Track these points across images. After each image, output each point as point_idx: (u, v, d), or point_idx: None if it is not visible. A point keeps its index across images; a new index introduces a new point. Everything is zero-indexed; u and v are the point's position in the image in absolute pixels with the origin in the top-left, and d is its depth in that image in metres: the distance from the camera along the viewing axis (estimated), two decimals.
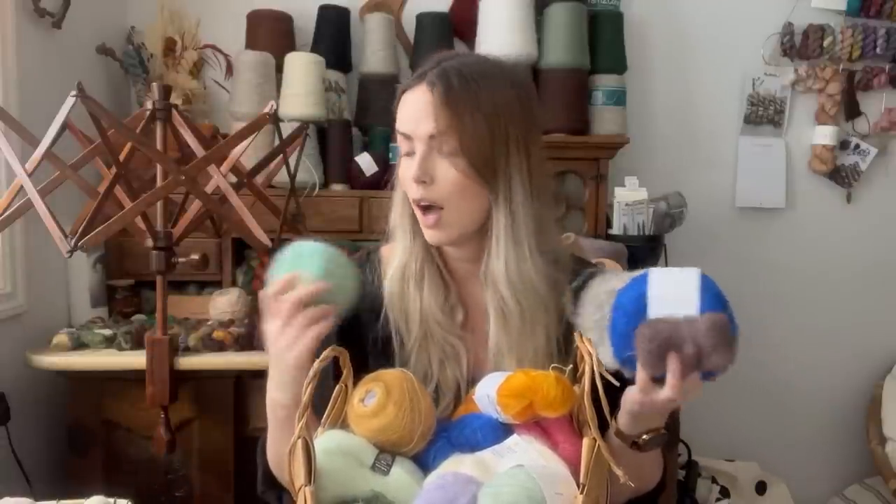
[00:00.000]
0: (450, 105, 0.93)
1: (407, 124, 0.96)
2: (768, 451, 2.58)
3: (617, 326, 0.81)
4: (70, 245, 1.33)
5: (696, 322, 0.77)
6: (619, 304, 0.81)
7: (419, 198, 0.96)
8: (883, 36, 2.47)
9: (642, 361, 0.78)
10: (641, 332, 0.78)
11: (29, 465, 1.66)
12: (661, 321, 0.78)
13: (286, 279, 0.90)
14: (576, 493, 0.71)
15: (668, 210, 2.23)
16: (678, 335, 0.77)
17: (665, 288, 0.80)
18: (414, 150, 0.96)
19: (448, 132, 0.93)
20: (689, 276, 0.81)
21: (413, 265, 1.01)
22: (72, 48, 2.00)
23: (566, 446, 0.79)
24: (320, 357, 0.82)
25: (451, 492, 0.71)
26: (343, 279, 0.93)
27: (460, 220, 0.97)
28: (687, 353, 0.76)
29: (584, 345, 0.80)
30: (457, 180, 0.95)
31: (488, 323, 1.00)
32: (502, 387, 0.81)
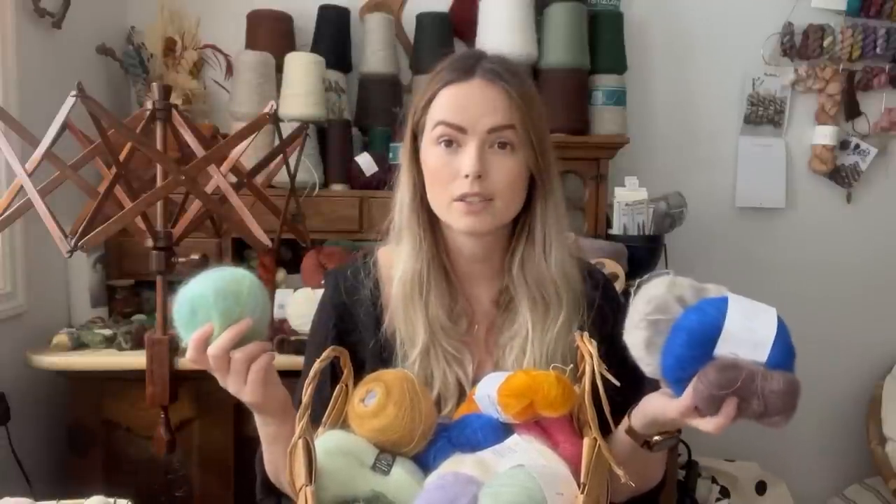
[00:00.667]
0: (522, 101, 0.94)
1: (460, 116, 0.94)
2: (768, 451, 2.58)
3: (675, 347, 0.78)
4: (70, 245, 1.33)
5: (772, 381, 0.75)
6: (686, 326, 0.78)
7: (471, 192, 0.93)
8: (883, 36, 2.47)
9: (701, 401, 0.76)
10: (711, 375, 0.75)
11: (29, 465, 1.66)
12: (734, 367, 0.75)
13: (197, 340, 0.85)
14: (576, 492, 0.71)
15: (668, 210, 2.23)
16: (750, 389, 0.74)
17: (740, 324, 0.77)
18: (459, 142, 0.94)
19: (518, 126, 0.94)
20: (768, 319, 0.79)
21: (421, 270, 1.00)
22: (72, 48, 2.00)
23: (567, 446, 0.79)
24: (321, 357, 0.82)
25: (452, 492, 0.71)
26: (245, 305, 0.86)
27: (506, 212, 0.98)
28: (753, 409, 0.75)
29: (585, 344, 0.80)
30: (513, 174, 0.95)
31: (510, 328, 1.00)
32: (503, 386, 0.81)
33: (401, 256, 1.02)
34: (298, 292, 1.87)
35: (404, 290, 1.00)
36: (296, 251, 2.21)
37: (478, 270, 1.04)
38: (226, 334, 0.84)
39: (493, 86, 0.94)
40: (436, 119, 0.95)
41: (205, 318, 0.85)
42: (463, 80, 0.95)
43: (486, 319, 1.04)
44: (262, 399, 0.88)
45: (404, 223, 1.02)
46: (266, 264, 2.08)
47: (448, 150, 0.95)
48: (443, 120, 0.94)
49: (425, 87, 0.99)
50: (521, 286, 1.00)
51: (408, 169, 1.02)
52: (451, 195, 0.95)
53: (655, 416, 0.84)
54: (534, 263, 0.99)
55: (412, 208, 1.01)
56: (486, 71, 0.95)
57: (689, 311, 0.79)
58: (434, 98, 0.96)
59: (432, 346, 0.98)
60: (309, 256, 2.02)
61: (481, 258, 1.02)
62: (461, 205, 0.94)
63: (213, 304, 0.84)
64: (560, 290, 0.99)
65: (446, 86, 0.95)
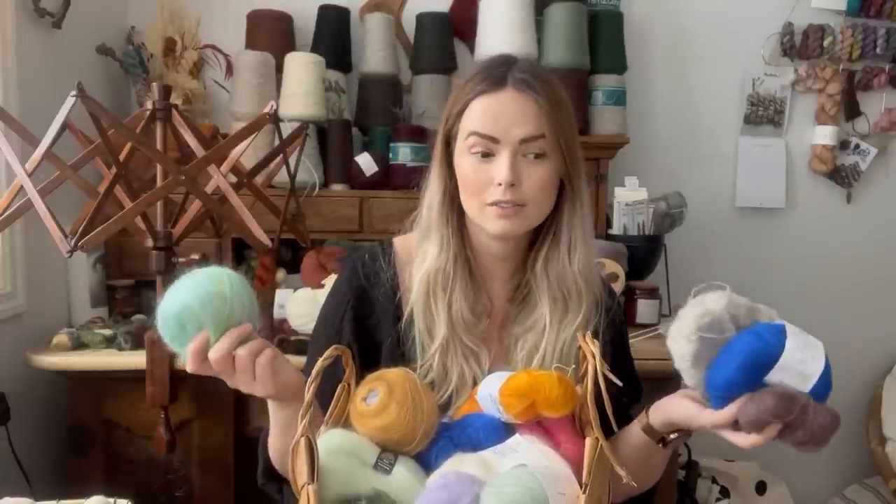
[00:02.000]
0: (552, 110, 0.96)
1: (493, 127, 0.96)
2: (768, 451, 2.56)
3: (729, 368, 0.80)
4: (70, 245, 1.32)
5: (821, 415, 0.81)
6: (745, 350, 0.80)
7: (505, 199, 0.96)
8: (883, 36, 2.47)
9: (748, 422, 0.79)
10: (769, 402, 0.78)
11: (29, 465, 1.66)
12: (791, 398, 0.79)
13: (195, 352, 0.85)
14: (578, 493, 0.71)
15: (668, 210, 2.23)
16: (800, 420, 0.79)
17: (796, 356, 0.81)
18: (492, 151, 0.96)
19: (549, 134, 0.96)
20: (818, 353, 0.84)
21: (447, 267, 1.02)
22: (72, 48, 1.99)
23: (568, 446, 0.79)
24: (323, 356, 0.82)
25: (454, 491, 0.71)
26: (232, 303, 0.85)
27: (537, 217, 1.00)
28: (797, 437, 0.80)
29: (587, 345, 0.81)
30: (545, 181, 0.97)
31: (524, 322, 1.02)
32: (505, 386, 0.81)
33: (427, 253, 1.04)
34: (298, 292, 1.87)
35: (428, 287, 1.02)
36: (296, 251, 2.21)
37: (499, 268, 1.06)
38: (225, 340, 0.85)
39: (524, 96, 0.96)
40: (469, 129, 0.98)
41: (195, 328, 0.84)
42: (495, 91, 0.97)
43: (501, 313, 1.06)
44: (275, 390, 0.89)
45: (433, 223, 1.04)
46: (266, 264, 2.07)
47: (482, 159, 0.97)
48: (476, 131, 0.97)
49: (458, 94, 1.01)
50: (542, 282, 1.03)
51: (439, 171, 1.04)
52: (485, 201, 0.97)
53: (679, 421, 0.88)
54: (557, 262, 1.02)
55: (441, 210, 1.04)
56: (517, 81, 0.96)
57: (747, 335, 0.81)
58: (467, 108, 0.98)
59: (451, 341, 1.00)
60: (309, 256, 2.02)
61: (504, 257, 1.05)
62: (495, 209, 0.97)
63: (200, 312, 0.83)
64: (581, 291, 1.02)
65: (479, 96, 0.97)
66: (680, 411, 0.88)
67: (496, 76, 0.98)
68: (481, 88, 0.98)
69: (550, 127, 0.96)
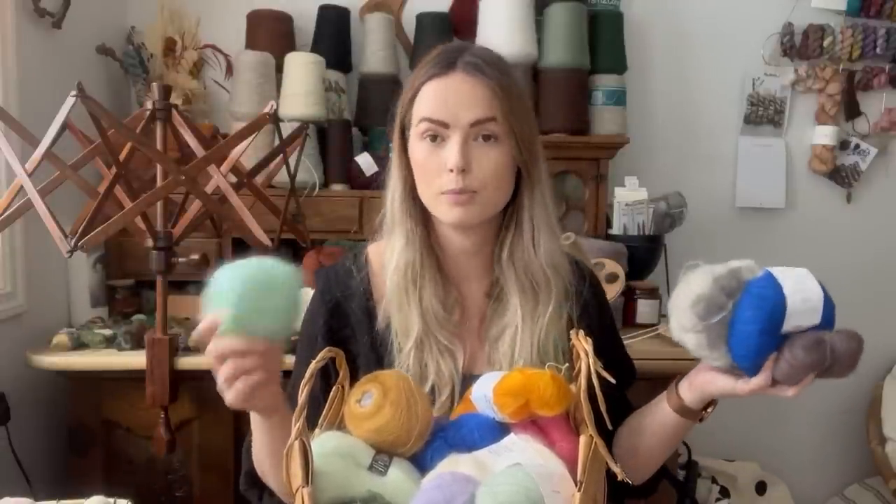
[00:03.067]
0: (503, 94, 0.94)
1: (442, 111, 0.94)
2: (768, 451, 2.58)
3: (750, 338, 0.81)
4: (70, 245, 1.33)
5: (843, 342, 0.79)
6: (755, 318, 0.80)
7: (458, 187, 0.94)
8: (883, 36, 2.47)
9: (786, 378, 0.81)
10: (800, 356, 0.80)
11: (29, 465, 1.66)
12: (818, 344, 0.79)
13: (206, 326, 0.82)
14: (573, 491, 0.71)
15: (668, 210, 2.23)
16: (834, 359, 0.79)
17: (797, 297, 0.80)
18: (443, 136, 0.95)
19: (500, 118, 0.94)
20: (812, 283, 0.83)
21: (414, 261, 1.01)
22: (72, 48, 2.00)
23: (563, 445, 0.79)
24: (317, 358, 0.82)
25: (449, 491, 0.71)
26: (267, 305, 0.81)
27: (492, 203, 0.98)
28: (832, 373, 0.81)
29: (581, 343, 0.80)
30: (499, 166, 0.95)
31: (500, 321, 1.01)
32: (498, 386, 0.81)
33: (394, 249, 1.03)
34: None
35: (398, 281, 1.01)
36: (296, 251, 2.21)
37: (469, 264, 1.05)
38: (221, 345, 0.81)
39: (474, 78, 0.94)
40: (419, 115, 0.96)
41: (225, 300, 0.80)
42: (444, 75, 0.95)
43: (479, 312, 1.05)
44: (244, 407, 0.85)
45: (396, 216, 1.03)
46: None
47: (433, 144, 0.96)
48: (426, 116, 0.95)
49: (410, 82, 1.00)
50: (510, 275, 1.01)
51: (398, 163, 1.03)
52: (439, 189, 0.96)
53: (720, 395, 0.91)
54: (522, 252, 1.01)
55: (403, 202, 1.02)
56: (467, 64, 0.95)
57: (748, 300, 0.80)
58: (418, 93, 0.97)
59: (426, 338, 0.98)
60: (309, 256, 2.02)
61: (472, 252, 1.03)
62: (448, 197, 0.95)
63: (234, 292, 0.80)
64: (549, 278, 1.01)
65: (429, 80, 0.96)
66: (718, 386, 0.89)
67: (446, 60, 0.96)
68: (431, 72, 0.96)
69: (501, 110, 0.94)
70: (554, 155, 2.24)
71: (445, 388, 0.97)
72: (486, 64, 0.96)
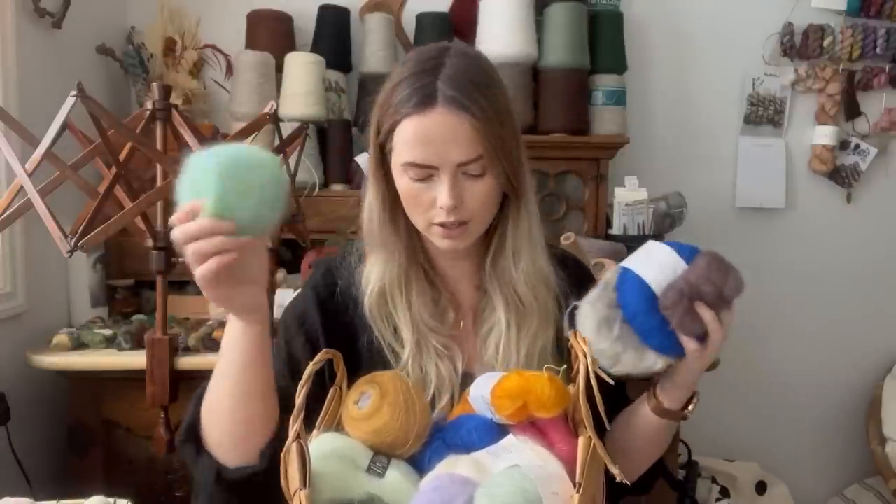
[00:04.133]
0: (487, 127, 0.89)
1: (428, 155, 0.89)
2: (768, 451, 2.58)
3: (644, 327, 0.85)
4: (70, 245, 1.33)
5: (696, 267, 0.84)
6: (635, 311, 0.84)
7: (450, 221, 0.92)
8: (883, 36, 2.47)
9: (682, 328, 0.84)
10: (664, 307, 0.83)
11: (29, 465, 1.66)
12: (671, 288, 0.84)
13: (183, 213, 0.75)
14: (572, 492, 0.71)
15: (668, 210, 2.23)
16: (693, 287, 0.83)
17: (653, 271, 0.85)
18: (431, 175, 0.91)
19: (486, 154, 0.90)
20: (658, 249, 0.87)
21: (398, 276, 0.99)
22: (72, 48, 2.00)
23: (562, 446, 0.79)
24: (314, 360, 0.81)
25: (448, 493, 0.71)
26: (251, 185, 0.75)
27: (482, 228, 0.98)
28: (709, 293, 0.83)
29: (579, 344, 0.80)
30: (488, 196, 0.94)
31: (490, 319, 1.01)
32: (496, 388, 0.81)
33: (374, 266, 1.00)
34: (298, 292, 1.87)
35: (383, 298, 0.99)
36: (296, 251, 2.21)
37: (459, 267, 1.04)
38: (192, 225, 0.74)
39: (456, 117, 0.88)
40: (403, 157, 0.91)
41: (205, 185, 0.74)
42: (423, 112, 0.89)
43: (471, 311, 1.04)
44: (219, 300, 0.80)
45: (375, 234, 1.00)
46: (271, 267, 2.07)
47: (419, 183, 0.92)
48: (411, 161, 0.91)
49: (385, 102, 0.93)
50: (494, 287, 1.01)
51: (375, 180, 0.99)
52: (429, 220, 0.94)
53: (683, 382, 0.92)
54: (503, 269, 1.00)
55: (383, 220, 0.99)
56: (447, 99, 0.88)
57: (619, 299, 0.86)
58: (396, 127, 0.92)
59: (423, 345, 0.98)
60: (309, 256, 2.02)
61: (461, 257, 1.03)
62: (439, 229, 0.94)
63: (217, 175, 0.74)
64: (532, 297, 1.00)
65: (407, 117, 0.90)
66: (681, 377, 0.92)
67: (424, 91, 0.89)
68: (409, 109, 0.90)
69: (486, 146, 0.90)
70: (554, 155, 2.26)
71: (446, 392, 0.97)
72: (466, 92, 0.89)
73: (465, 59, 0.94)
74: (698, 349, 0.86)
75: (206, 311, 1.92)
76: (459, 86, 0.89)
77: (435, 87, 0.89)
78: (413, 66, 0.93)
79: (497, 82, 0.95)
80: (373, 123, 0.97)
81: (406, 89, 0.91)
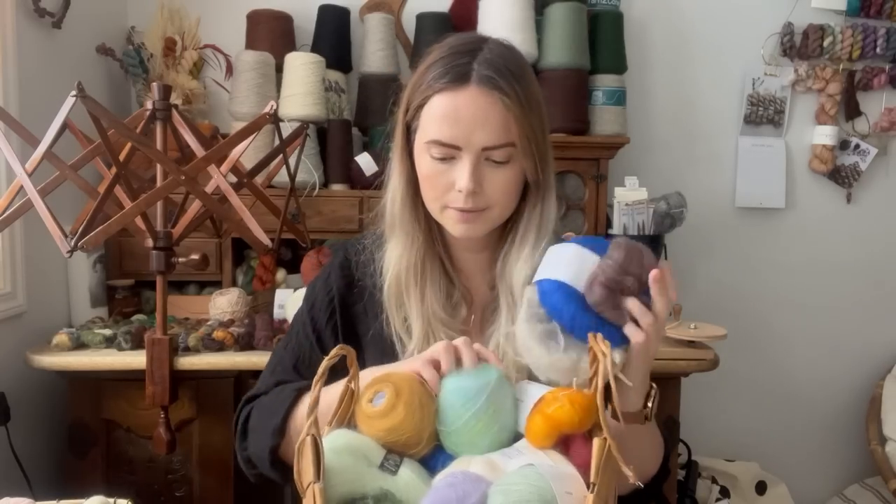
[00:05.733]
0: (521, 112, 0.88)
1: (454, 134, 0.88)
2: (768, 451, 2.58)
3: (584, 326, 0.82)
4: (70, 245, 1.33)
5: (612, 260, 0.82)
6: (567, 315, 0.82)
7: (467, 207, 0.91)
8: (883, 36, 2.47)
9: (619, 319, 0.83)
10: (595, 304, 0.82)
11: (29, 465, 1.66)
12: (594, 282, 0.82)
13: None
14: (585, 493, 0.71)
15: (668, 210, 2.23)
16: (615, 280, 0.81)
17: (564, 271, 0.83)
18: (454, 156, 0.90)
19: (519, 142, 0.88)
20: (560, 249, 0.86)
21: (416, 264, 0.98)
22: (72, 48, 2.00)
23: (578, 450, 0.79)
24: (329, 355, 0.81)
25: (461, 489, 0.70)
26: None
27: (500, 218, 0.96)
28: (631, 284, 0.82)
29: (598, 345, 0.80)
30: (510, 185, 0.92)
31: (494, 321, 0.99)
32: (529, 436, 0.79)
33: (393, 251, 1.00)
34: (298, 292, 1.87)
35: (398, 286, 0.98)
36: (296, 251, 2.21)
37: (474, 261, 1.03)
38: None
39: (489, 97, 0.87)
40: (429, 135, 0.90)
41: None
42: (456, 89, 0.88)
43: (481, 306, 1.03)
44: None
45: (397, 217, 0.99)
46: (266, 264, 2.08)
47: (441, 162, 0.91)
48: (436, 139, 0.89)
49: (418, 80, 0.92)
50: (502, 287, 0.99)
51: (400, 162, 0.98)
52: (445, 203, 0.93)
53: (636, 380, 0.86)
54: (512, 266, 0.98)
55: (405, 203, 0.98)
56: (482, 78, 0.87)
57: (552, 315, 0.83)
58: (427, 101, 0.91)
59: (429, 337, 0.97)
60: (309, 256, 2.02)
61: (477, 250, 1.02)
62: (454, 212, 0.92)
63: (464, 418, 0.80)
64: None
65: (439, 92, 0.89)
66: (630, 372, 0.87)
67: (459, 69, 0.88)
68: (442, 84, 0.88)
69: (519, 132, 0.88)
70: (554, 155, 2.25)
71: None
72: (502, 75, 0.87)
73: (503, 47, 0.94)
74: (642, 335, 0.82)
75: (206, 312, 1.92)
76: (496, 68, 0.88)
77: (471, 67, 0.88)
78: (450, 49, 0.92)
79: (531, 76, 0.94)
80: (402, 103, 0.95)
81: (440, 67, 0.90)
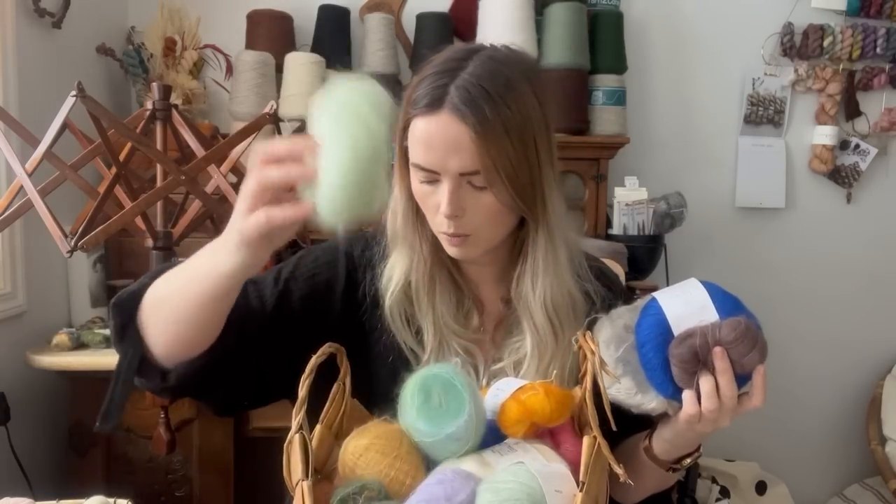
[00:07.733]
0: (486, 139, 0.84)
1: (431, 159, 0.86)
2: (768, 451, 2.58)
3: (650, 361, 0.81)
4: (70, 245, 1.32)
5: (718, 327, 0.78)
6: (642, 339, 0.82)
7: (450, 232, 0.90)
8: (883, 36, 2.47)
9: (682, 383, 0.80)
10: (673, 354, 0.79)
11: (29, 465, 1.66)
12: (689, 334, 0.79)
13: (291, 149, 0.73)
14: (575, 491, 0.71)
15: (668, 210, 2.23)
16: (703, 349, 0.78)
17: (677, 305, 0.81)
18: (437, 179, 0.88)
19: (484, 170, 0.86)
20: (694, 286, 0.82)
21: (423, 275, 0.96)
22: (72, 48, 2.00)
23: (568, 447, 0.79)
24: (317, 353, 0.81)
25: (451, 487, 0.70)
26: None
27: (490, 241, 0.94)
28: (738, 361, 0.78)
29: (587, 343, 0.80)
30: (492, 210, 0.89)
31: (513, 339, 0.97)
32: (501, 419, 0.79)
33: (398, 265, 0.97)
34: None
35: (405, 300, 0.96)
36: (296, 251, 2.21)
37: (484, 272, 1.02)
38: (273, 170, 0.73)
39: (459, 125, 0.84)
40: (412, 156, 0.90)
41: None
42: (431, 113, 0.86)
43: (494, 316, 1.01)
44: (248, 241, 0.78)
45: (399, 232, 0.97)
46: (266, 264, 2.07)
47: (427, 185, 0.90)
48: (416, 163, 0.89)
49: (407, 98, 0.90)
50: (523, 309, 0.97)
51: (401, 176, 0.96)
52: (436, 225, 0.92)
53: (672, 436, 0.87)
54: (525, 294, 0.96)
55: (406, 217, 0.96)
56: (454, 106, 0.84)
57: (636, 330, 0.83)
58: (409, 124, 0.89)
59: (442, 348, 0.95)
60: None
61: (484, 263, 1.00)
62: (444, 236, 0.92)
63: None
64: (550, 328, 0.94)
65: (417, 116, 0.87)
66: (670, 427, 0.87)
67: (435, 94, 0.86)
68: (420, 109, 0.87)
69: (485, 161, 0.84)
70: None
71: None
72: (473, 103, 0.84)
73: (490, 63, 0.88)
74: (692, 403, 0.80)
75: None
76: (469, 93, 0.85)
77: (447, 91, 0.86)
78: (437, 65, 0.89)
79: (521, 95, 0.88)
80: (400, 119, 0.92)
81: (422, 88, 0.88)
